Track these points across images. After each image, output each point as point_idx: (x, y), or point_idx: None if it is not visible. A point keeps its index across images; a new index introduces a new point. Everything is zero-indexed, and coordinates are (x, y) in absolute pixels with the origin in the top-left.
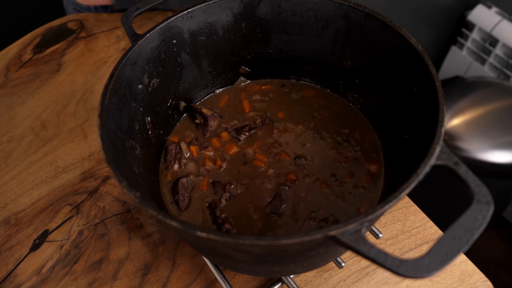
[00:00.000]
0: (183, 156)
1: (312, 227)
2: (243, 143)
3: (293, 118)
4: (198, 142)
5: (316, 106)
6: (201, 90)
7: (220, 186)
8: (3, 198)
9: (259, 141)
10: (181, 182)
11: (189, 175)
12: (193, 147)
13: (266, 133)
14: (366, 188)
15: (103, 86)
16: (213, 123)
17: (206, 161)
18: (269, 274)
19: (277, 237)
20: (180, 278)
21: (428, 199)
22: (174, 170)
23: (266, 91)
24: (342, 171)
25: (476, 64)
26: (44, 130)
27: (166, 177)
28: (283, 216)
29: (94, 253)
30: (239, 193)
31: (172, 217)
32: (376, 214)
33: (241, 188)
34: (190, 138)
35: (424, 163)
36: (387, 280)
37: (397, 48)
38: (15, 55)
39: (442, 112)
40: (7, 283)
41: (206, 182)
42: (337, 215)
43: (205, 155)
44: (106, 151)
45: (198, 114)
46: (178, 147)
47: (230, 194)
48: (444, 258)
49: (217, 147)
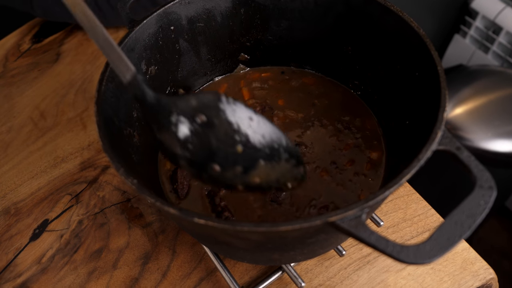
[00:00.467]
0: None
1: (312, 215)
2: None
3: (293, 106)
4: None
5: (316, 93)
6: (200, 78)
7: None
8: (3, 188)
9: None
10: (180, 170)
11: None
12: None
13: None
14: (367, 175)
15: (100, 73)
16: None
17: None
18: (269, 262)
19: (275, 224)
20: (180, 267)
21: (430, 188)
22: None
23: (265, 79)
24: (343, 158)
25: (479, 52)
26: (43, 120)
27: (165, 166)
28: (283, 204)
29: (94, 242)
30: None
31: (170, 204)
32: (377, 200)
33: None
34: None
35: (426, 148)
36: (388, 268)
37: (398, 33)
38: (13, 45)
39: (444, 97)
40: (7, 273)
41: None
42: (337, 203)
43: None
44: (103, 138)
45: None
46: None
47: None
48: (445, 244)
49: None
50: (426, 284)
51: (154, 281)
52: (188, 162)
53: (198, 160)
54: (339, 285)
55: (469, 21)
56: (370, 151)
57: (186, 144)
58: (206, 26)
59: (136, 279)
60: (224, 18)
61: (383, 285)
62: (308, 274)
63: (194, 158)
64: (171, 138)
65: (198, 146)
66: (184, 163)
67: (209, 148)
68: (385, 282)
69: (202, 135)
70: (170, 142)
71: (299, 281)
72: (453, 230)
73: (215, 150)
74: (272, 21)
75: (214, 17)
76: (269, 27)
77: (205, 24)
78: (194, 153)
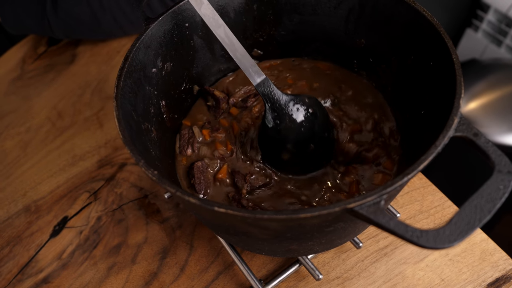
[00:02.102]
0: (195, 141)
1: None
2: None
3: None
4: (210, 125)
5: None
6: (214, 74)
7: (240, 176)
8: (23, 186)
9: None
10: (196, 165)
11: (204, 159)
12: (205, 131)
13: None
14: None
15: (118, 69)
16: (225, 106)
17: (217, 145)
18: (287, 254)
19: (295, 211)
20: (198, 261)
21: (445, 182)
22: (188, 155)
23: (276, 66)
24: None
25: (492, 46)
26: (61, 120)
27: (181, 162)
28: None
29: (113, 238)
30: (262, 185)
31: (190, 193)
32: (395, 187)
33: (263, 180)
34: (202, 122)
35: (443, 135)
36: (406, 260)
37: (411, 23)
38: (30, 48)
39: (459, 84)
40: (29, 268)
41: (226, 169)
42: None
43: (217, 138)
44: (123, 132)
45: (210, 96)
46: (191, 132)
47: (251, 184)
48: (465, 228)
49: (225, 126)
50: (445, 275)
51: (172, 275)
52: (295, 143)
53: (301, 141)
54: (356, 278)
55: (481, 15)
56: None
57: (300, 128)
58: None
59: (155, 273)
60: (237, 14)
61: (401, 277)
62: (325, 267)
63: (300, 139)
64: (288, 125)
65: (306, 130)
66: (291, 146)
67: (313, 132)
68: (403, 274)
69: (310, 122)
70: (287, 127)
71: (317, 273)
72: (472, 214)
73: (315, 133)
74: (284, 16)
75: (227, 13)
76: (281, 22)
77: None
78: (303, 135)
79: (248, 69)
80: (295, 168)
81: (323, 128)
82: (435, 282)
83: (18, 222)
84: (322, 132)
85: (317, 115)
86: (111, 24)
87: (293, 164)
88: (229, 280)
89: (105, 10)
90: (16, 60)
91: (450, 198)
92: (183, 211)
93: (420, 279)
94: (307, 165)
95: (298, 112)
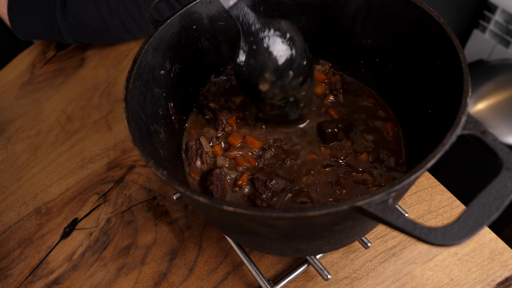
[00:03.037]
0: (204, 152)
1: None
2: (264, 132)
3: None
4: (218, 141)
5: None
6: (221, 75)
7: (261, 182)
8: (34, 188)
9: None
10: (216, 172)
11: (223, 168)
12: (217, 148)
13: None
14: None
15: (127, 71)
16: (223, 116)
17: (239, 161)
18: (295, 253)
19: (303, 209)
20: (207, 262)
21: (453, 182)
22: (197, 167)
23: None
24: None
25: (499, 47)
26: (70, 123)
27: (190, 175)
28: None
29: (122, 239)
30: (282, 189)
31: (199, 192)
32: (403, 185)
33: (283, 183)
34: (209, 135)
35: (450, 133)
36: (414, 260)
37: (418, 23)
38: (39, 52)
39: (466, 82)
40: (40, 270)
41: (246, 177)
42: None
43: (235, 157)
44: (132, 132)
45: (207, 110)
46: (198, 143)
47: (273, 190)
48: (474, 225)
49: (236, 145)
50: (454, 275)
51: (181, 276)
52: (274, 70)
53: (280, 68)
54: (365, 278)
55: (488, 15)
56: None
57: (278, 53)
58: (226, 24)
59: (164, 274)
60: None
61: (410, 276)
62: (333, 267)
63: (279, 66)
64: (265, 49)
65: (284, 56)
66: (269, 74)
67: (291, 59)
68: (412, 274)
69: (287, 47)
70: (264, 52)
71: (325, 273)
72: (481, 212)
73: (293, 60)
74: (291, 17)
75: None
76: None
77: (225, 23)
78: (281, 61)
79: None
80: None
81: (301, 54)
82: (444, 282)
83: (29, 224)
84: (301, 59)
85: (295, 40)
86: (120, 28)
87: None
88: (238, 281)
89: (114, 15)
90: (26, 64)
91: (457, 198)
92: (192, 212)
93: (429, 279)
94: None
95: (275, 36)
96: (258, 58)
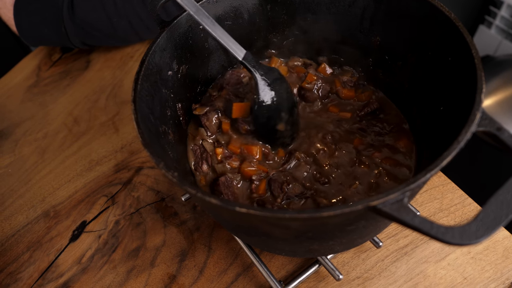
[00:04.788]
0: (209, 156)
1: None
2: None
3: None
4: (220, 144)
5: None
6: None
7: (277, 185)
8: (42, 192)
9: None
10: (221, 181)
11: (227, 173)
12: (219, 150)
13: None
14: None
15: (135, 73)
16: (209, 120)
17: (248, 172)
18: (307, 254)
19: (317, 210)
20: (217, 263)
21: (462, 181)
22: (204, 171)
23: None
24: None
25: (506, 42)
26: (77, 125)
27: (200, 182)
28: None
29: (131, 241)
30: (299, 194)
31: (211, 194)
32: (418, 183)
33: (300, 188)
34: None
35: (465, 130)
36: (427, 259)
37: (428, 19)
38: (45, 55)
39: (480, 78)
40: (50, 273)
41: (264, 185)
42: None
43: (233, 164)
44: (142, 134)
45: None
46: (202, 147)
47: (288, 194)
48: (492, 224)
49: (237, 154)
50: (467, 273)
51: (191, 277)
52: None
53: (278, 108)
54: (377, 277)
55: (494, 10)
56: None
57: (286, 93)
58: (233, 23)
59: (174, 276)
60: (251, 15)
61: (422, 276)
62: (345, 267)
63: (278, 106)
64: (269, 93)
65: (290, 95)
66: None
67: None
68: (424, 273)
69: (282, 92)
70: (267, 95)
71: (337, 273)
72: (498, 210)
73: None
74: (298, 15)
75: (241, 14)
76: (295, 22)
77: (232, 22)
78: (290, 99)
79: (231, 45)
80: (286, 140)
81: (291, 91)
82: (458, 281)
83: (37, 228)
84: (293, 95)
85: (287, 81)
86: (127, 30)
87: (285, 135)
88: (249, 282)
89: (121, 16)
90: (31, 67)
91: (470, 194)
92: (201, 214)
93: (442, 278)
94: (293, 133)
95: (281, 80)
96: (275, 100)
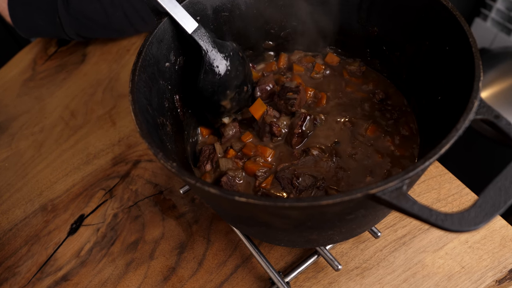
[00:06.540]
0: (216, 157)
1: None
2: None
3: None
4: (232, 148)
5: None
6: None
7: (286, 181)
8: (39, 185)
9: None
10: (223, 181)
11: (228, 172)
12: (232, 151)
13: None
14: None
15: (132, 64)
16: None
17: (252, 168)
18: (306, 244)
19: (316, 198)
20: (216, 255)
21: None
22: (206, 170)
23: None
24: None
25: (501, 35)
26: (74, 119)
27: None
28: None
29: (130, 234)
30: (309, 186)
31: (210, 184)
32: (417, 171)
33: (310, 180)
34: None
35: (463, 118)
36: (425, 249)
37: (425, 9)
38: (41, 49)
39: (478, 67)
40: (48, 267)
41: (271, 179)
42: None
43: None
44: (140, 125)
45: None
46: (212, 148)
47: (300, 188)
48: (490, 210)
49: (250, 155)
50: (465, 262)
51: (190, 269)
52: (235, 86)
53: (238, 83)
54: (375, 267)
55: (489, 3)
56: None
57: (236, 71)
58: (230, 15)
59: (173, 268)
60: (248, 7)
61: (421, 265)
62: (343, 257)
63: (238, 82)
64: (226, 68)
65: (241, 73)
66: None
67: (245, 75)
68: (423, 263)
69: (243, 65)
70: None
71: (336, 264)
72: (497, 196)
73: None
74: (296, 6)
75: (238, 5)
76: (293, 12)
77: (229, 14)
78: (240, 77)
79: (181, 18)
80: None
81: (248, 70)
82: (456, 270)
83: (35, 221)
84: (249, 74)
85: (245, 59)
86: (122, 21)
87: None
88: (248, 273)
89: (116, 7)
90: (27, 61)
91: (468, 184)
92: (199, 206)
93: (440, 267)
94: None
95: (233, 55)
96: (221, 76)
